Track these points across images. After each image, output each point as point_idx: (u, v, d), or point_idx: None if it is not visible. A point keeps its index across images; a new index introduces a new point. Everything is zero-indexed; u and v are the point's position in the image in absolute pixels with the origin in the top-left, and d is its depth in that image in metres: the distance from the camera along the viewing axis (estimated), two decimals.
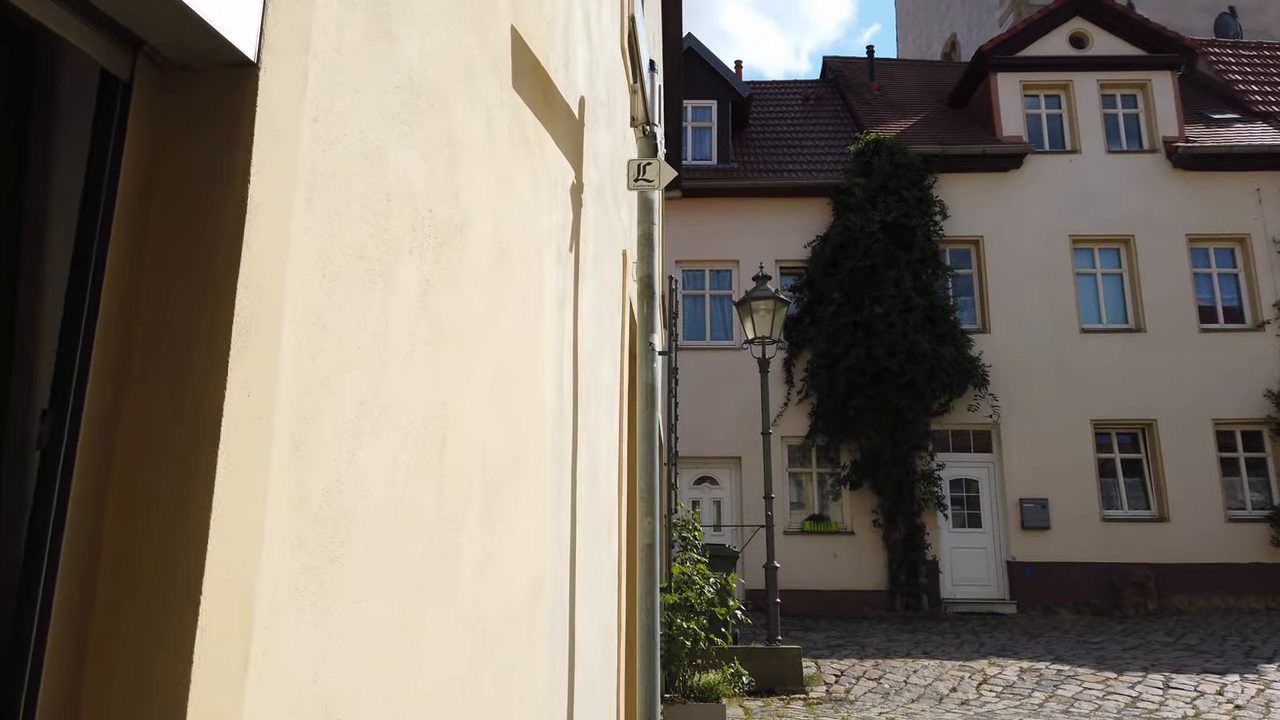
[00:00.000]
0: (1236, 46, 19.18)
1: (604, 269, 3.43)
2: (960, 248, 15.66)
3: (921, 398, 14.37)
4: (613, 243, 3.60)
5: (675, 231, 15.56)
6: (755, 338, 10.33)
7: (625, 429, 3.91)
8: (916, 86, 19.01)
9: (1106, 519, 14.55)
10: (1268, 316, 15.05)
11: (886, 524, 14.47)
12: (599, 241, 3.33)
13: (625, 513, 3.59)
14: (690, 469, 15.26)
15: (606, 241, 3.50)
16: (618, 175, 3.98)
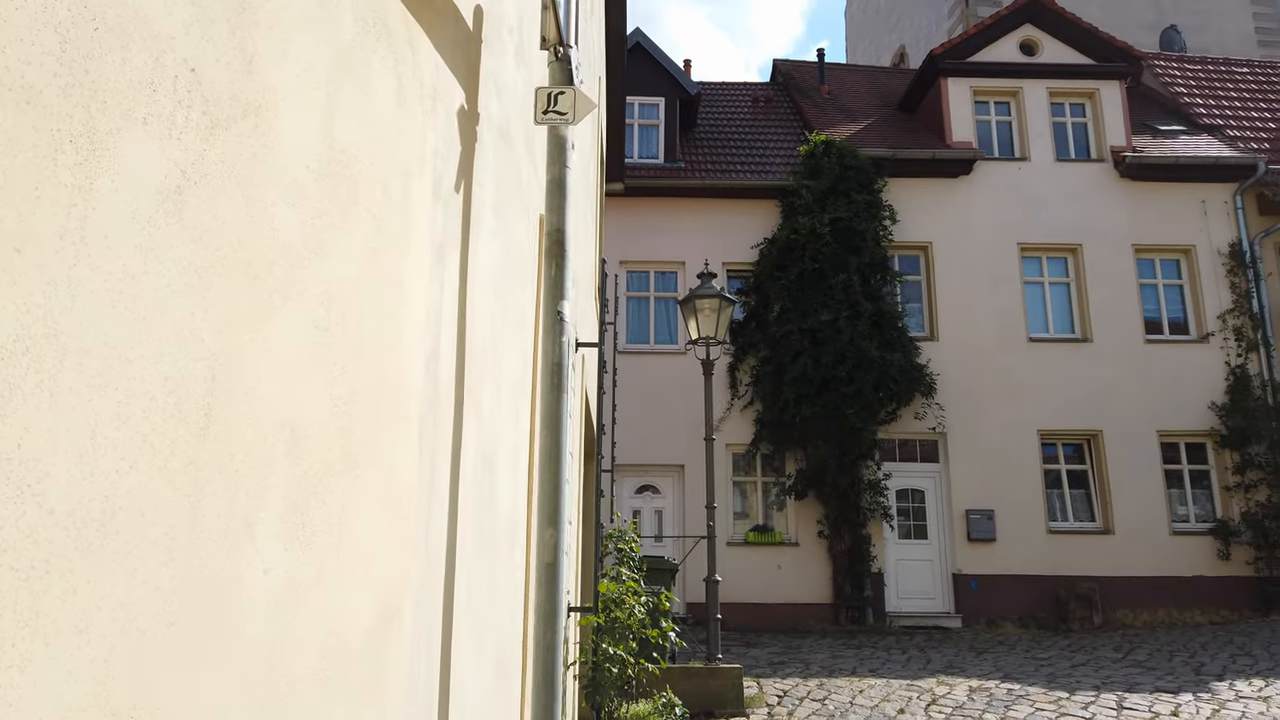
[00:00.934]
0: (1182, 60, 19.32)
1: (511, 227, 2.85)
2: (909, 253, 15.39)
3: (869, 406, 14.01)
4: (526, 199, 3.03)
5: (619, 230, 15.02)
6: (699, 338, 9.82)
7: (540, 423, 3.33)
8: (866, 91, 18.78)
9: (1052, 531, 14.33)
10: (1212, 329, 15.02)
11: (832, 535, 14.07)
12: (504, 191, 2.75)
13: (538, 521, 3.01)
14: (631, 477, 14.70)
15: (515, 194, 2.92)
16: (537, 130, 3.41)
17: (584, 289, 5.60)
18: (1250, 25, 25.88)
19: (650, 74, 16.39)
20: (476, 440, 2.37)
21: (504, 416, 2.75)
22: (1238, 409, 14.46)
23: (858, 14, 36.38)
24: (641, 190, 15.27)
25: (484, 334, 2.47)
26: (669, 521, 14.69)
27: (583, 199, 5.27)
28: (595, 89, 7.22)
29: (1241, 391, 14.57)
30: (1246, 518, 14.17)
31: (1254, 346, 14.85)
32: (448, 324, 2.13)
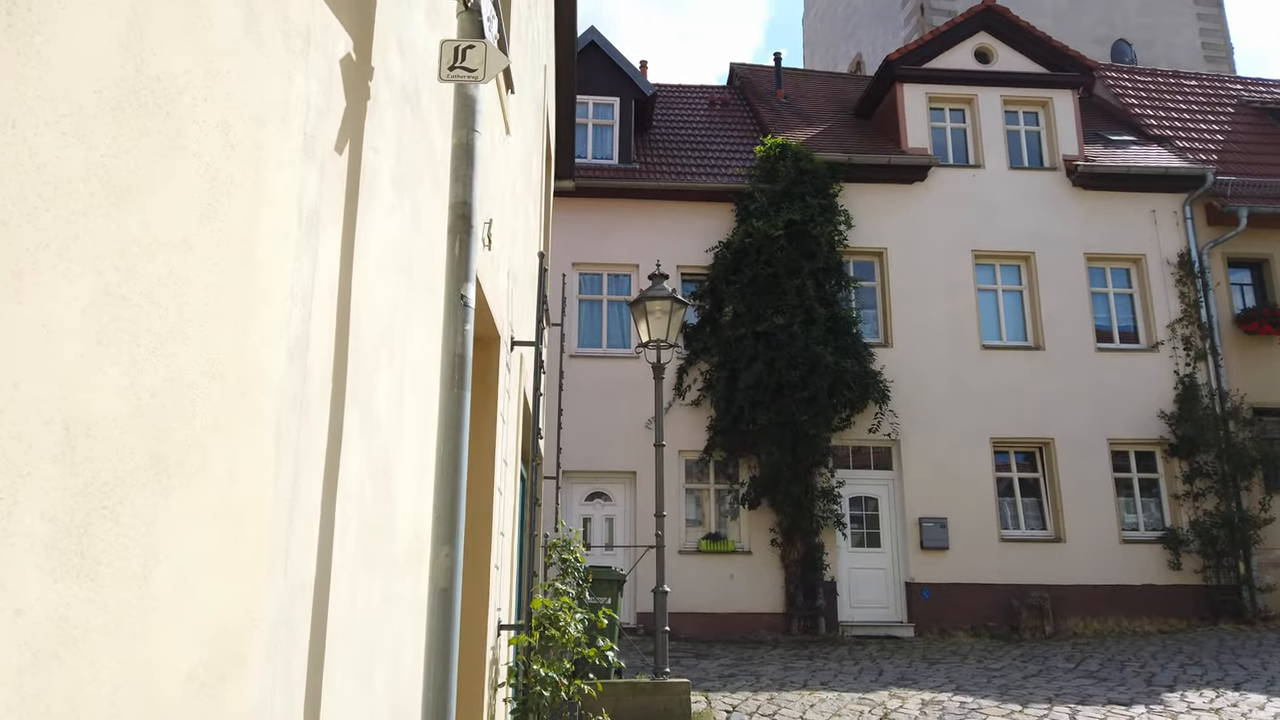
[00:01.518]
0: (1132, 72, 19.53)
1: (421, 203, 2.52)
2: (864, 259, 15.28)
3: (823, 412, 13.84)
4: (438, 177, 2.70)
5: (572, 231, 14.71)
6: (649, 341, 9.53)
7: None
8: (823, 97, 18.69)
9: (1004, 539, 14.27)
10: (1161, 338, 15.11)
11: (785, 543, 13.86)
12: (411, 163, 2.43)
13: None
14: (582, 484, 14.37)
15: (427, 168, 2.60)
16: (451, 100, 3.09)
17: (523, 285, 5.28)
18: (1197, 41, 26.36)
19: (606, 74, 16.12)
20: (365, 446, 2.04)
21: (408, 420, 2.42)
22: (1186, 418, 14.54)
23: (815, 23, 36.52)
24: (596, 191, 14.98)
25: (380, 323, 2.15)
26: (620, 529, 14.38)
27: (517, 184, 4.95)
28: (541, 79, 6.91)
29: (1190, 400, 14.65)
30: (1195, 526, 14.24)
31: (1202, 356, 14.97)
32: (322, 308, 1.81)
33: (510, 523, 4.95)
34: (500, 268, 4.23)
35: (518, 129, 4.96)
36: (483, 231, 3.63)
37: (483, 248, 3.62)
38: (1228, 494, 14.24)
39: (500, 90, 4.09)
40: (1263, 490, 14.49)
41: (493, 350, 4.11)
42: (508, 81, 4.24)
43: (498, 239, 4.16)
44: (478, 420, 4.06)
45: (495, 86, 4.03)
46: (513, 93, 4.39)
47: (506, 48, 3.71)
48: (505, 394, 4.66)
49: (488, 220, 3.69)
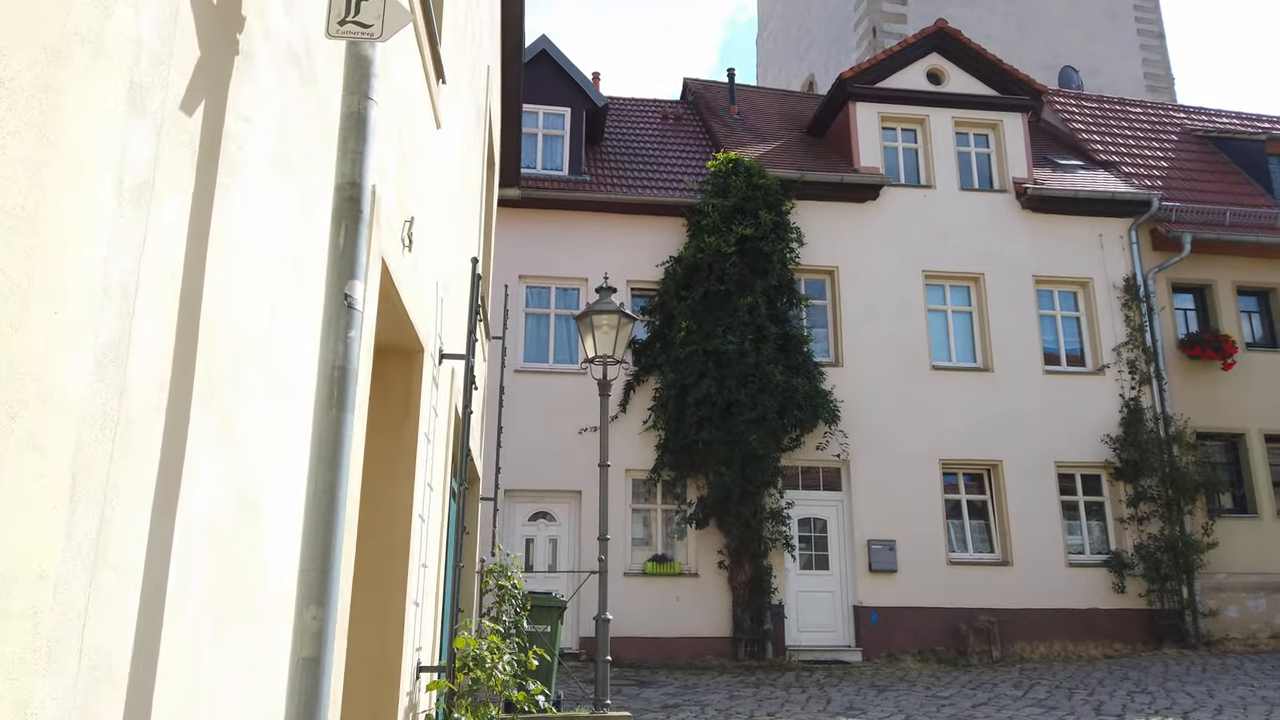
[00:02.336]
0: (1080, 98, 19.79)
1: (309, 190, 2.15)
2: (816, 277, 15.13)
3: (773, 432, 13.60)
4: (330, 150, 2.33)
5: (519, 243, 14.33)
6: (596, 356, 9.18)
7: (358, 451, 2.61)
8: (776, 114, 18.60)
9: (952, 562, 14.14)
10: (1108, 361, 15.18)
11: (733, 565, 13.56)
12: (296, 140, 2.05)
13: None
14: (525, 503, 13.93)
15: (322, 150, 2.23)
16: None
17: (456, 294, 4.90)
18: (1140, 70, 26.95)
19: (557, 83, 15.81)
20: (222, 476, 1.66)
21: (292, 444, 2.04)
22: (1131, 442, 14.59)
23: (769, 44, 36.71)
24: (545, 202, 14.63)
25: (248, 326, 1.77)
26: (564, 551, 13.95)
27: (450, 185, 4.58)
28: (483, 79, 6.55)
29: (1135, 424, 14.72)
30: (1139, 550, 14.26)
31: (1147, 380, 15.06)
32: (157, 304, 1.43)
33: (436, 552, 4.55)
34: (425, 273, 3.85)
35: (451, 125, 4.60)
36: (402, 231, 3.26)
37: (402, 249, 3.24)
38: (1171, 518, 14.30)
39: (429, 79, 3.73)
40: (1205, 514, 14.57)
41: (415, 364, 3.72)
42: (438, 71, 3.89)
43: (423, 241, 3.78)
44: (397, 441, 3.67)
45: (423, 75, 3.67)
46: (444, 83, 4.03)
47: (420, 13, 3.35)
48: (432, 411, 4.27)
49: (408, 219, 3.31)
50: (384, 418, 3.63)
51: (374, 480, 3.55)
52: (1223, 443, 15.42)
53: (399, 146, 3.18)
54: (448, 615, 4.50)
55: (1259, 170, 17.48)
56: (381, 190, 2.83)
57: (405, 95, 3.32)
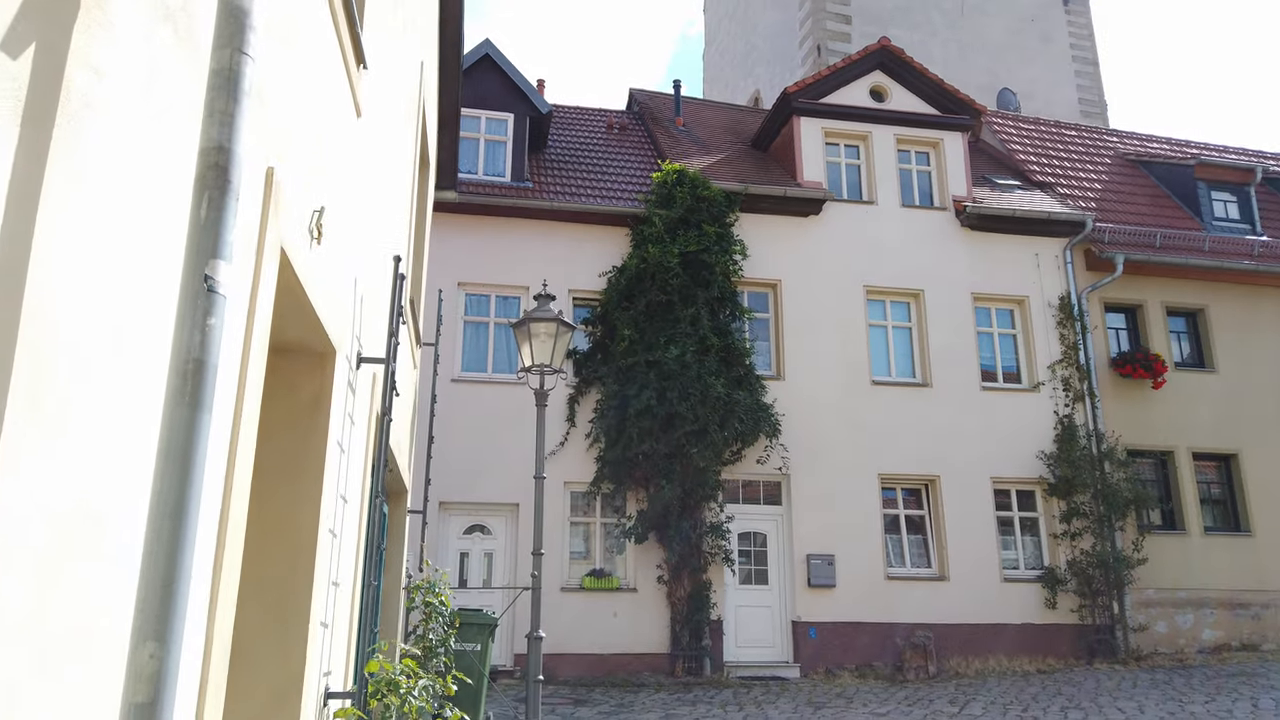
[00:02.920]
0: (1017, 120, 20.16)
1: (176, 152, 1.89)
2: (759, 290, 15.08)
3: (714, 445, 13.47)
4: None
5: (459, 249, 14.02)
6: (533, 365, 8.93)
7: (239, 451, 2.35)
8: (721, 127, 18.59)
9: (891, 577, 14.14)
10: (1042, 378, 15.38)
11: (672, 580, 13.36)
12: (166, 105, 1.80)
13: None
14: (460, 516, 13.57)
15: (199, 113, 1.97)
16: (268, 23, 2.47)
17: (379, 294, 4.63)
18: (1075, 95, 27.66)
19: (500, 88, 15.55)
20: (51, 486, 1.40)
21: (143, 450, 1.77)
22: (1065, 458, 14.78)
23: (715, 59, 36.89)
24: (486, 208, 14.35)
25: (93, 316, 1.52)
26: (500, 565, 13.61)
27: (373, 177, 4.32)
28: (417, 74, 6.30)
29: (1068, 441, 14.91)
30: (1072, 566, 14.42)
31: (1080, 397, 15.29)
32: None
33: (351, 570, 4.27)
34: (341, 269, 3.60)
35: (376, 115, 4.34)
36: (311, 221, 3.00)
37: (310, 240, 2.99)
38: (1103, 534, 14.50)
39: (347, 62, 3.49)
40: (1136, 531, 14.81)
41: (326, 366, 3.46)
42: (358, 55, 3.64)
43: (338, 235, 3.53)
44: (304, 449, 3.40)
45: (340, 57, 3.43)
46: (365, 68, 3.78)
47: None
48: (347, 418, 4.00)
49: (318, 208, 3.06)
50: (289, 423, 3.36)
51: (275, 492, 3.28)
52: (1152, 460, 15.72)
53: (308, 129, 2.93)
54: (364, 637, 4.22)
55: (1188, 194, 17.97)
56: (283, 173, 2.58)
57: (318, 76, 3.07)
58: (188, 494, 1.42)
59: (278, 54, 2.53)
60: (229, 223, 1.56)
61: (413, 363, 7.43)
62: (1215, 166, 18.07)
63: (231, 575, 2.27)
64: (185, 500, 1.41)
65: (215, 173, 1.56)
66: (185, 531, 1.41)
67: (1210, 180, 17.90)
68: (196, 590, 2.05)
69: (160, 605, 1.37)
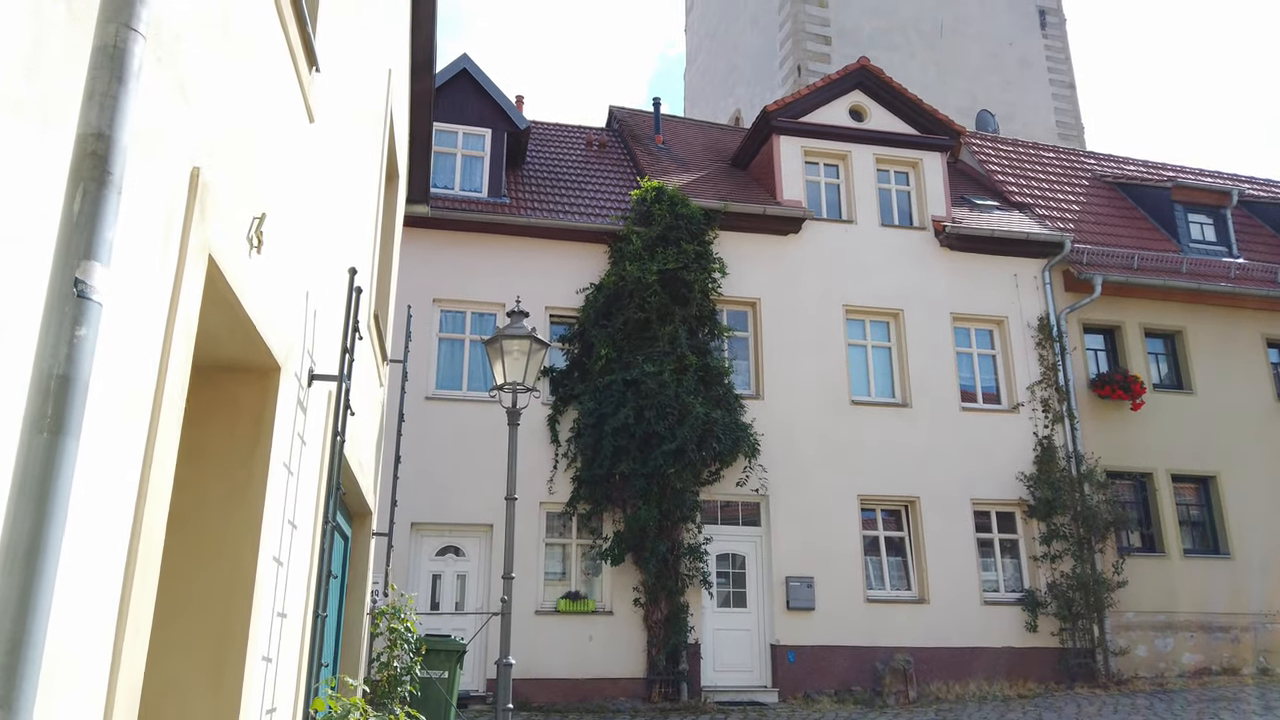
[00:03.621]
0: (996, 141, 20.22)
1: (58, 146, 1.70)
2: (738, 308, 14.95)
3: (692, 465, 13.27)
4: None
5: (434, 265, 13.82)
6: (505, 383, 8.72)
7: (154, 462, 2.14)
8: (701, 145, 18.53)
9: (870, 599, 13.96)
10: (1022, 399, 15.30)
11: (649, 603, 13.11)
12: (52, 80, 1.61)
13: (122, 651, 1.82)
14: (432, 537, 13.28)
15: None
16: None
17: (332, 308, 4.42)
18: (1052, 118, 27.88)
19: (478, 104, 15.41)
20: None
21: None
22: (1044, 480, 14.69)
23: (696, 78, 36.99)
24: (462, 224, 14.15)
25: None
26: (473, 587, 13.31)
27: (329, 186, 4.13)
28: (384, 83, 6.12)
29: (1048, 462, 14.83)
30: (1052, 588, 14.29)
31: (1059, 418, 15.23)
32: None
33: (302, 599, 4.04)
34: (286, 281, 3.39)
35: (332, 122, 4.16)
36: (250, 228, 2.81)
37: (249, 249, 2.79)
38: (1083, 556, 14.39)
39: (296, 63, 3.30)
40: (1115, 553, 14.72)
41: (269, 384, 3.25)
42: (309, 57, 3.46)
43: (284, 245, 3.33)
44: (244, 473, 3.18)
45: (288, 57, 3.24)
46: (317, 71, 3.60)
47: None
48: (297, 439, 3.78)
49: (257, 215, 2.87)
50: (227, 445, 3.15)
51: (211, 518, 3.06)
52: (1131, 482, 15.67)
53: (246, 130, 2.74)
54: (315, 669, 3.99)
55: (1164, 216, 18.04)
56: (212, 174, 2.39)
57: (260, 75, 2.89)
58: (44, 534, 1.21)
59: (209, 47, 2.34)
60: (107, 220, 1.37)
61: (378, 380, 7.21)
62: (1192, 189, 18.16)
63: (141, 617, 2.05)
64: (41, 542, 1.21)
65: (92, 162, 1.37)
66: (40, 579, 1.21)
67: (1187, 202, 17.99)
68: (98, 638, 1.84)
69: (6, 668, 1.17)
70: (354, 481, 5.75)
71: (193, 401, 3.05)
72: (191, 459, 3.01)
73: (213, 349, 2.97)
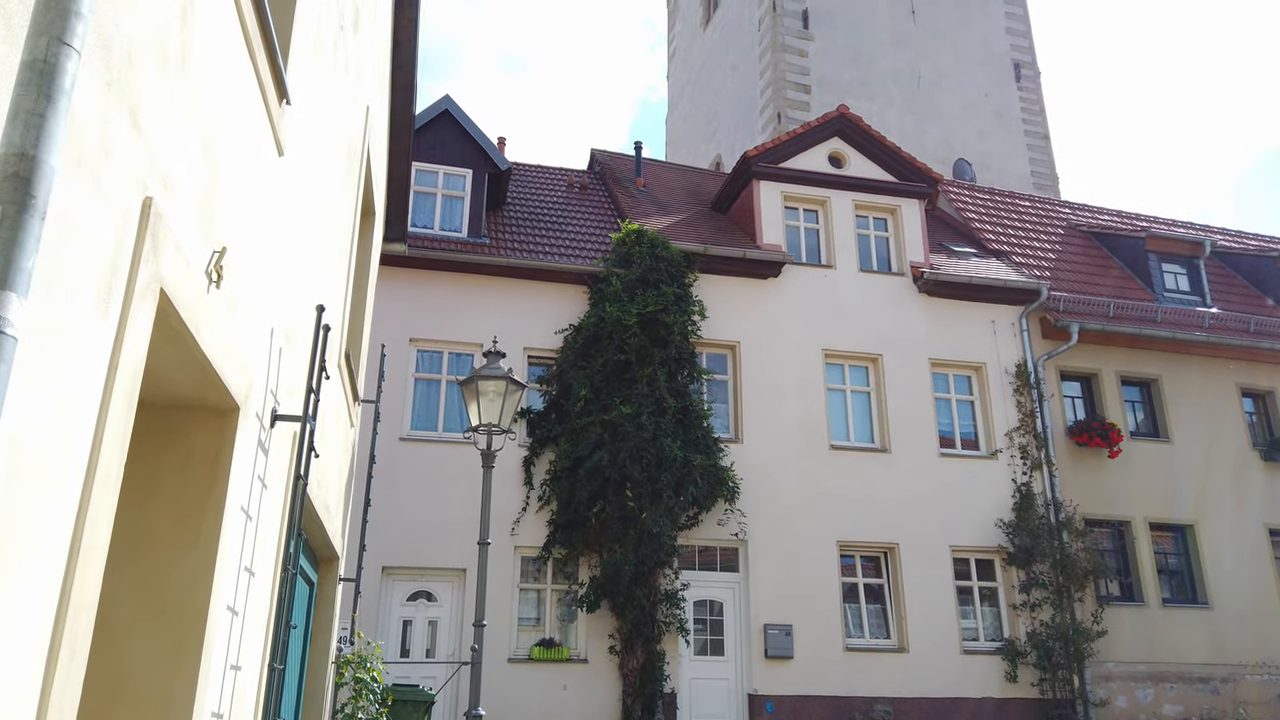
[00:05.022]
0: (973, 189, 20.46)
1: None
2: (717, 351, 14.91)
3: (669, 509, 13.10)
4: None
5: (412, 305, 13.72)
6: (480, 424, 8.58)
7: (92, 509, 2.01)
8: (681, 188, 18.62)
9: (849, 648, 13.76)
10: (1000, 446, 15.29)
11: (624, 651, 12.85)
12: None
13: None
14: (404, 581, 13.00)
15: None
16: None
17: (299, 347, 4.30)
18: (1027, 168, 28.34)
19: (459, 144, 15.43)
20: None
21: None
22: (1023, 527, 14.62)
23: (678, 124, 37.39)
24: (441, 264, 14.07)
25: None
26: (445, 634, 13.00)
27: (298, 222, 4.03)
28: (361, 118, 6.06)
29: (1026, 510, 14.78)
30: (1032, 638, 14.16)
31: (1038, 465, 15.21)
32: None
33: (260, 650, 3.86)
34: (247, 317, 3.28)
35: (304, 156, 4.07)
36: (209, 262, 2.70)
37: (208, 284, 2.68)
38: (1062, 605, 14.28)
39: (265, 94, 3.22)
40: (1094, 602, 14.62)
41: (226, 424, 3.12)
42: (279, 89, 3.38)
43: (247, 280, 3.22)
44: (197, 517, 3.03)
45: (256, 88, 3.16)
46: (287, 103, 3.52)
47: (252, 12, 2.86)
48: (258, 482, 3.64)
49: (218, 249, 2.76)
50: (180, 487, 3.00)
51: (160, 564, 2.91)
52: (1110, 530, 15.63)
53: (207, 161, 2.64)
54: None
55: (1139, 265, 18.25)
56: (166, 206, 2.29)
57: (224, 106, 2.80)
58: None
59: (166, 73, 2.26)
60: (26, 247, 1.26)
61: (349, 421, 7.05)
62: (1166, 239, 18.41)
63: (72, 673, 1.91)
64: None
65: (13, 185, 1.26)
66: None
67: (1161, 252, 18.22)
68: (20, 695, 1.70)
69: None
70: (319, 525, 5.57)
71: (144, 442, 2.92)
72: (140, 502, 2.87)
73: (166, 387, 2.84)
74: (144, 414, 2.79)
